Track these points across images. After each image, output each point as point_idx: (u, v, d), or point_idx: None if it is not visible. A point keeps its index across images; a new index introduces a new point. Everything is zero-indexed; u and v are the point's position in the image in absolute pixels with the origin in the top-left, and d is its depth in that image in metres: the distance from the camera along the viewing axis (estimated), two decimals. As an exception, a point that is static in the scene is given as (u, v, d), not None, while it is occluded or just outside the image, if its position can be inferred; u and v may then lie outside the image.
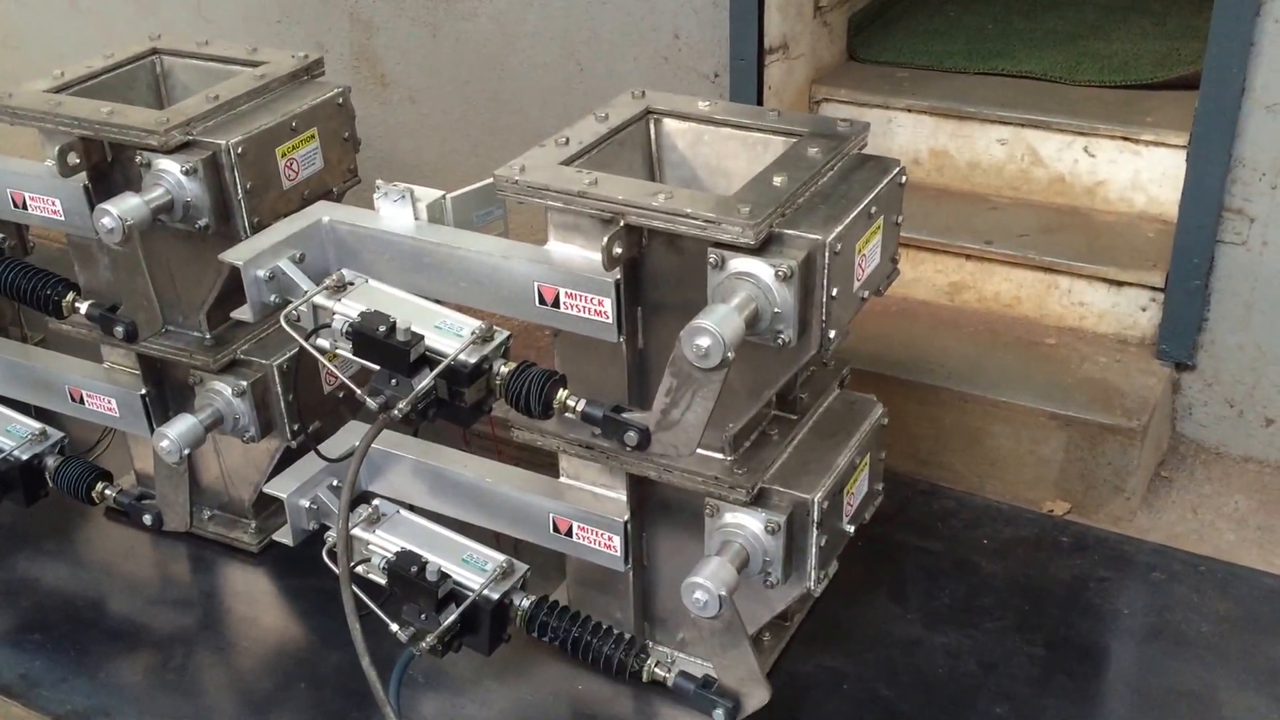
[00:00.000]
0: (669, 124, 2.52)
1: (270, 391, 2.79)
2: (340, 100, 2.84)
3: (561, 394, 2.23)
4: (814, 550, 2.34)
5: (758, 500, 2.31)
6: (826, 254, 2.10)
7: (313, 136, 2.80)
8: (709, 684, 2.43)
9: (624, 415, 2.22)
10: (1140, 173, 3.40)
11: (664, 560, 2.57)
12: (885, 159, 2.38)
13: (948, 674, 2.63)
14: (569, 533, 2.54)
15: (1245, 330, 3.10)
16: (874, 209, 2.24)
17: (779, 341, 2.12)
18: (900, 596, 2.85)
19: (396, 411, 2.16)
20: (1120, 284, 3.23)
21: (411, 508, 2.64)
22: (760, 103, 3.45)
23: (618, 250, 2.17)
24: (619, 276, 2.21)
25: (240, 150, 2.59)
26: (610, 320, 2.24)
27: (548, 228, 2.31)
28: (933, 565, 2.94)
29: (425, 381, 2.15)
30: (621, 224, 2.17)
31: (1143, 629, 2.73)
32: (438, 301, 2.42)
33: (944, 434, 3.18)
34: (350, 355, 2.27)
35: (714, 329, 1.99)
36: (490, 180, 2.55)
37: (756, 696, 2.39)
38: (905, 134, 3.67)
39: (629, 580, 2.57)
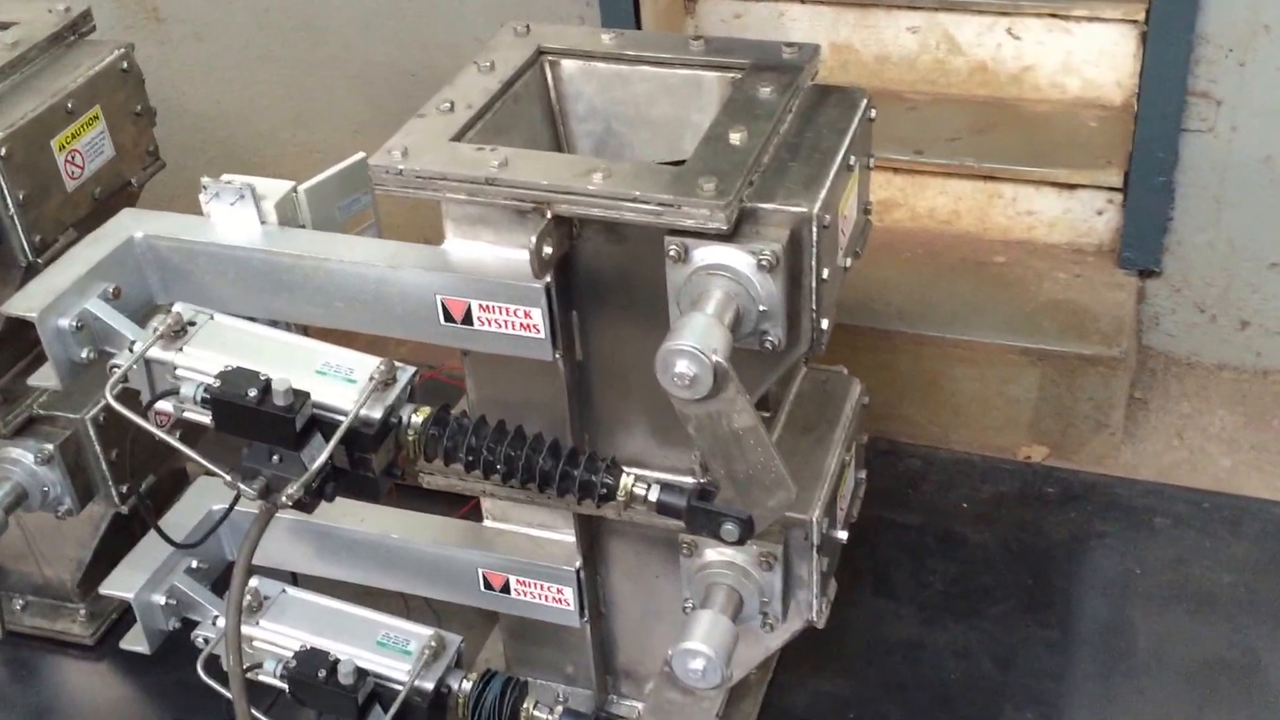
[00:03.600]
0: (569, 67, 2.13)
1: (86, 452, 2.34)
2: (125, 64, 2.36)
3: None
4: (816, 576, 2.05)
5: (743, 528, 2.00)
6: (815, 228, 1.77)
7: (96, 117, 2.33)
8: None
9: (714, 502, 1.82)
10: (1072, 54, 3.16)
11: (627, 602, 2.25)
12: (847, 89, 2.05)
13: (962, 680, 2.41)
14: (505, 589, 2.19)
15: (1215, 227, 2.93)
16: (852, 158, 1.92)
17: (766, 345, 1.79)
18: (887, 588, 2.61)
19: (285, 499, 1.75)
20: (1072, 187, 3.01)
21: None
22: (638, 12, 3.07)
23: (548, 250, 1.80)
24: (549, 280, 1.84)
25: (5, 151, 2.10)
26: (543, 335, 1.88)
27: (444, 222, 1.92)
28: (914, 543, 2.70)
29: (321, 456, 1.75)
30: (549, 216, 1.79)
31: (1161, 590, 2.56)
32: (306, 331, 2.03)
33: (898, 382, 2.93)
34: (204, 420, 1.85)
35: (696, 348, 1.64)
36: (353, 160, 2.17)
37: None
38: (800, 29, 3.34)
39: (584, 632, 2.25)
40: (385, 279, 1.92)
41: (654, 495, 1.82)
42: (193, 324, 1.92)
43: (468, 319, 1.90)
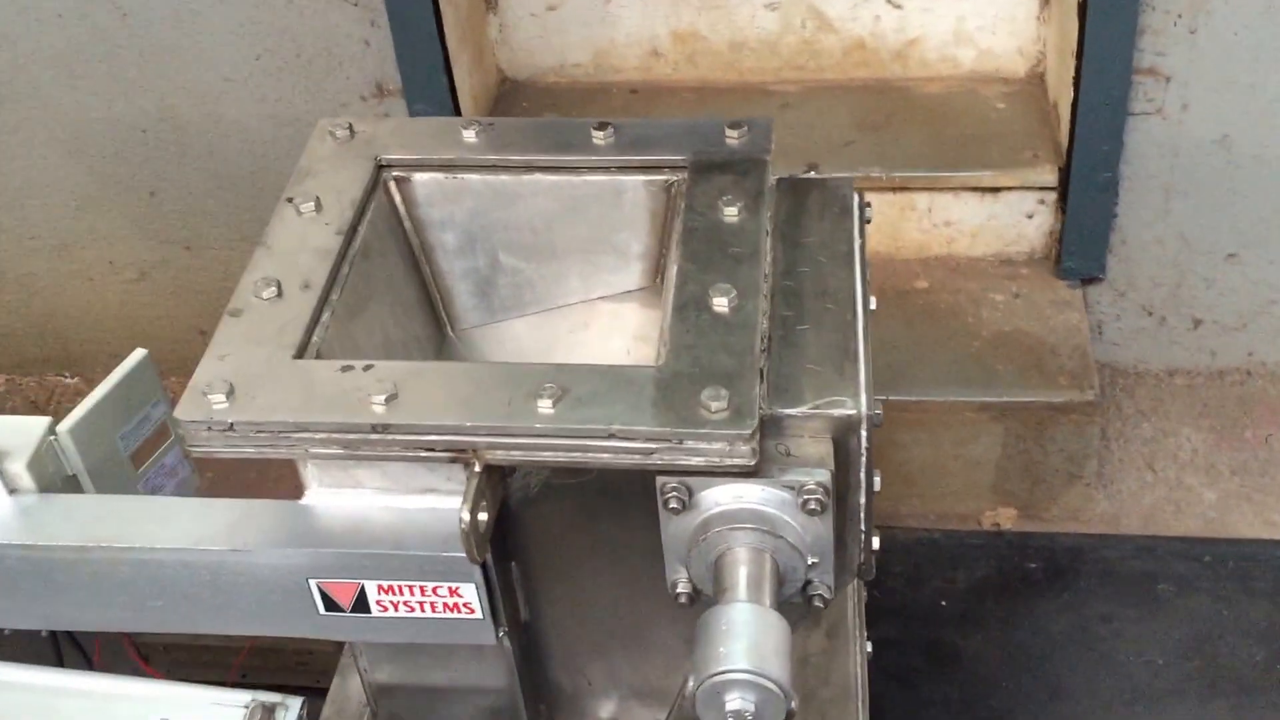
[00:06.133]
0: (425, 184, 1.52)
1: None
2: None
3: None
4: (852, 824, 1.57)
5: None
6: (864, 431, 1.25)
7: None
8: None
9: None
10: (964, 20, 2.70)
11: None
12: (827, 183, 1.52)
13: None
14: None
15: (1164, 220, 2.54)
16: (871, 298, 1.40)
17: (814, 603, 1.27)
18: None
19: None
20: (996, 190, 2.56)
21: None
22: (439, 19, 2.42)
23: (484, 517, 1.22)
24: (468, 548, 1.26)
25: None
26: (481, 614, 1.31)
27: (302, 470, 1.31)
28: (899, 664, 2.26)
29: None
30: (478, 469, 1.21)
31: (1191, 682, 2.20)
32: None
33: (826, 456, 2.45)
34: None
35: (756, 672, 1.10)
36: (130, 365, 1.52)
37: None
38: (633, 17, 2.78)
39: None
40: (225, 565, 1.31)
41: None
42: (-69, 684, 1.27)
43: (361, 605, 1.31)
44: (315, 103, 2.55)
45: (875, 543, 1.34)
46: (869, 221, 1.50)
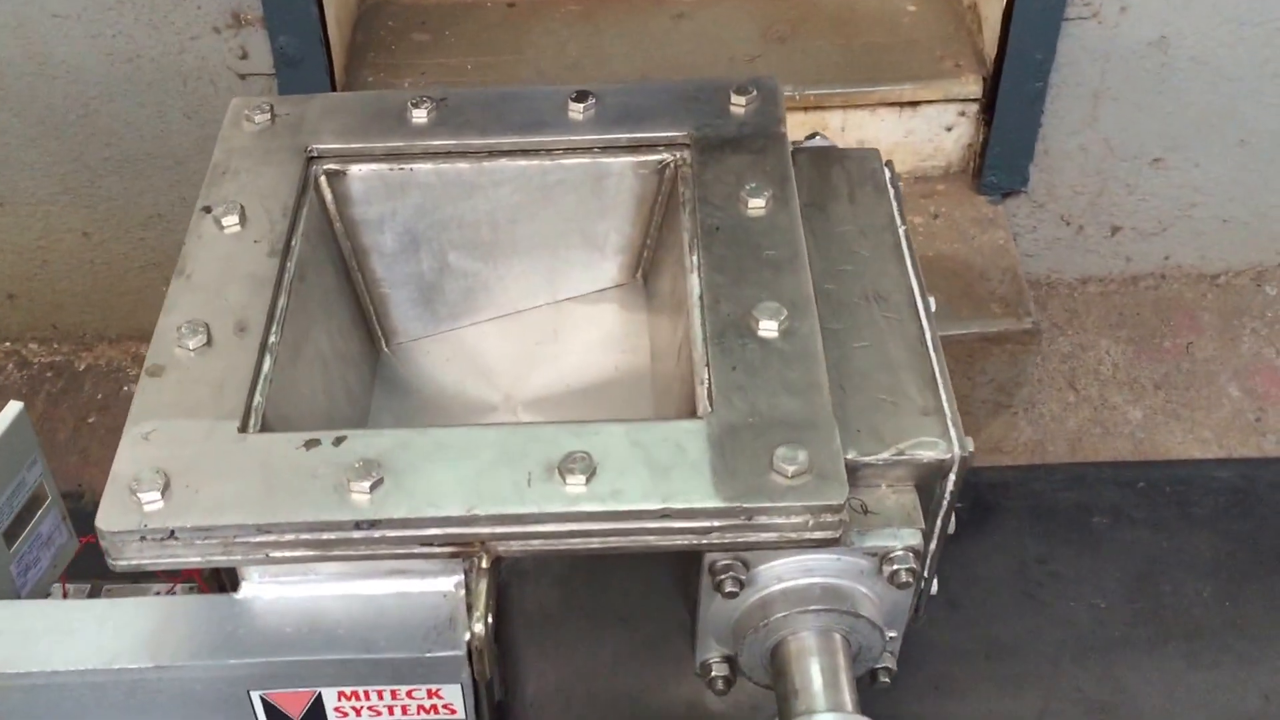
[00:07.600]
0: (361, 180, 1.23)
1: None
2: None
3: None
4: None
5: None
6: (955, 473, 1.04)
7: None
8: None
9: None
10: (868, -87, 2.45)
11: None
12: (850, 155, 1.29)
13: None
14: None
15: (1091, 127, 2.38)
16: (928, 295, 1.19)
17: (880, 682, 1.08)
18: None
19: None
20: (915, 104, 2.35)
21: None
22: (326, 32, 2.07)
23: (491, 621, 0.98)
24: (478, 634, 1.02)
25: None
26: (463, 714, 1.08)
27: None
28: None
29: None
30: (484, 564, 0.96)
31: (1138, 628, 2.07)
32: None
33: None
34: None
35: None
36: (6, 422, 1.20)
37: None
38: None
39: None
40: (143, 684, 1.04)
41: None
42: None
43: (316, 713, 1.07)
44: (160, 36, 2.16)
45: (934, 586, 1.15)
46: (901, 199, 1.28)
